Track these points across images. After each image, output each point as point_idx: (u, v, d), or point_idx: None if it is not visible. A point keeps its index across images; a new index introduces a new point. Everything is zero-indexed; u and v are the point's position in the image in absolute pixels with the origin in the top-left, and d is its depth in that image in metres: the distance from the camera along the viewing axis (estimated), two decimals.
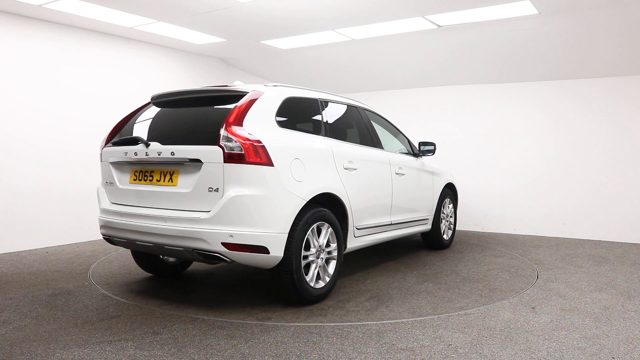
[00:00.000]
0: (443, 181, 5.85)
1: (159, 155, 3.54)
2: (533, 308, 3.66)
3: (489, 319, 3.40)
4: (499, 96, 7.32)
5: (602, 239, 6.51)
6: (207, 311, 3.55)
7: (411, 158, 5.31)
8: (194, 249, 3.36)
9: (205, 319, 3.38)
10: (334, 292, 4.06)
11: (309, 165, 3.68)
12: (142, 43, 6.88)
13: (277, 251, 3.38)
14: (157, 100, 3.99)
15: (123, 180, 3.84)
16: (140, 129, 3.88)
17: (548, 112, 6.94)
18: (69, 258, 5.31)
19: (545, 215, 6.91)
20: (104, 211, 3.89)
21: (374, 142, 4.74)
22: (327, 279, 3.82)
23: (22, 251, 5.63)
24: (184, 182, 3.45)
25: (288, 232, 3.44)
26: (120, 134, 3.99)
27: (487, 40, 6.08)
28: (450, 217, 6.11)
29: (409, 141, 5.47)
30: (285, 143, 3.56)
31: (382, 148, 4.82)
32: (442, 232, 5.84)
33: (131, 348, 2.88)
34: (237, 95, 3.61)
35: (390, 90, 8.29)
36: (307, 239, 3.63)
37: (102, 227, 3.92)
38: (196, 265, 4.98)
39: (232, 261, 3.37)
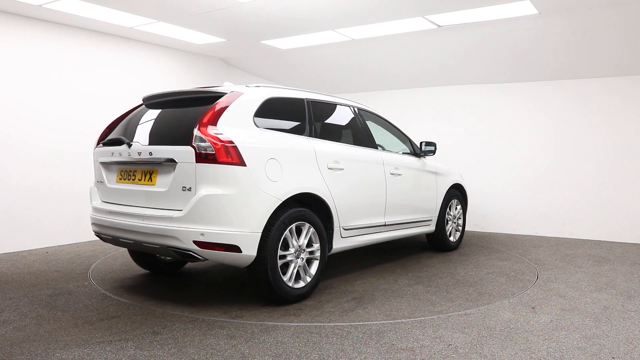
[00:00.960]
0: (449, 182, 5.73)
1: (139, 155, 3.67)
2: (533, 308, 3.66)
3: (489, 319, 3.40)
4: (499, 96, 7.32)
5: (602, 239, 6.51)
6: (184, 308, 3.55)
7: (411, 158, 5.25)
8: (169, 247, 3.45)
9: (205, 319, 3.38)
10: (318, 292, 4.05)
11: (287, 165, 3.69)
12: (142, 43, 6.88)
13: (249, 250, 3.42)
14: (147, 102, 4.10)
15: (111, 180, 3.98)
16: (128, 130, 3.99)
17: (548, 113, 6.94)
18: (69, 258, 5.31)
19: (545, 215, 6.91)
20: (95, 209, 4.05)
21: (367, 142, 4.68)
22: (309, 279, 3.83)
23: (22, 251, 5.63)
24: (162, 182, 3.55)
25: (261, 231, 3.47)
26: (111, 135, 4.11)
27: (487, 40, 6.08)
28: (459, 218, 5.98)
29: (410, 141, 5.39)
30: (260, 143, 3.58)
31: (377, 148, 4.77)
32: (447, 233, 5.73)
33: (131, 348, 2.88)
34: (216, 97, 3.67)
35: (390, 90, 8.29)
36: (286, 238, 3.65)
37: (92, 224, 4.07)
38: (196, 264, 4.98)
39: (206, 259, 3.45)
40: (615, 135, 6.47)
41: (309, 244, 3.86)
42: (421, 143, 5.41)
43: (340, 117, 4.68)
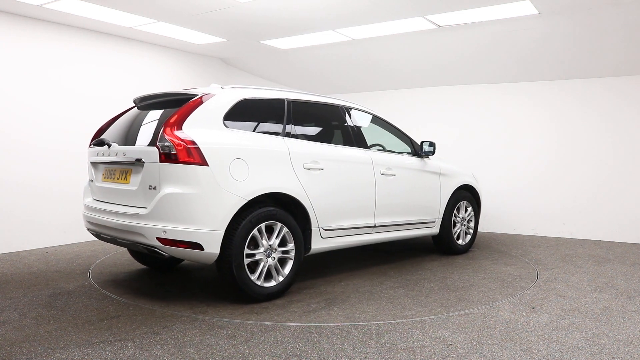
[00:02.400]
0: (455, 183, 5.53)
1: (116, 155, 3.88)
2: (533, 308, 3.66)
3: (489, 319, 3.40)
4: (500, 96, 7.32)
5: (602, 239, 6.51)
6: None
7: (410, 158, 5.16)
8: (137, 243, 3.64)
9: (205, 319, 3.38)
10: (294, 291, 4.06)
11: (254, 165, 3.73)
12: (142, 43, 6.88)
13: (212, 248, 3.50)
14: (136, 103, 4.31)
15: (98, 178, 4.19)
16: (113, 131, 4.19)
17: (548, 113, 6.94)
18: (69, 258, 5.31)
19: (545, 215, 6.91)
20: (85, 206, 4.26)
21: (356, 142, 4.63)
22: (281, 279, 3.86)
23: (22, 251, 5.63)
24: (134, 181, 3.72)
25: (224, 230, 3.53)
26: (102, 136, 4.30)
27: (487, 40, 6.08)
28: (470, 221, 5.78)
29: (411, 141, 5.27)
30: (225, 144, 3.64)
31: (368, 148, 4.71)
32: (454, 236, 5.54)
33: (131, 348, 2.88)
34: (189, 99, 3.79)
35: (390, 90, 8.29)
36: (255, 237, 3.70)
37: (85, 221, 4.27)
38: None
39: (170, 255, 3.58)
40: (615, 135, 6.47)
41: (283, 244, 3.89)
42: (422, 143, 5.29)
43: (326, 117, 4.66)
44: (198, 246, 3.47)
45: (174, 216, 3.46)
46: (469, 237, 5.79)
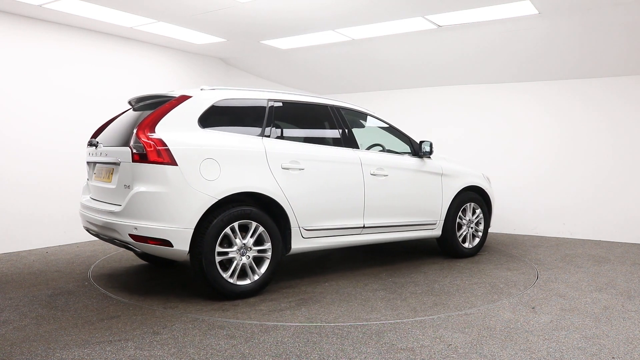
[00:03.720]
0: (460, 184, 5.35)
1: (100, 155, 4.12)
2: (533, 308, 3.66)
3: (489, 319, 3.41)
4: (500, 96, 7.31)
5: (602, 239, 6.51)
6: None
7: (406, 158, 5.05)
8: (114, 239, 3.84)
9: (206, 319, 3.38)
10: (271, 290, 4.09)
11: (227, 165, 3.79)
12: (142, 43, 6.88)
13: (181, 245, 3.61)
14: (132, 105, 4.45)
15: (91, 177, 4.39)
16: (105, 131, 4.37)
17: (548, 113, 6.94)
18: (69, 258, 5.31)
19: (545, 215, 6.91)
20: (80, 204, 4.44)
21: (344, 142, 4.59)
22: (256, 277, 3.91)
23: (22, 251, 5.63)
24: (114, 180, 3.90)
25: (194, 228, 3.63)
26: (97, 136, 4.49)
27: (487, 40, 6.08)
28: (479, 223, 5.56)
29: (410, 141, 5.17)
30: (196, 144, 3.73)
31: (357, 148, 4.65)
32: (459, 239, 5.35)
33: (131, 348, 2.88)
34: (167, 100, 3.95)
35: (390, 90, 8.29)
36: (228, 236, 3.77)
37: (80, 218, 4.43)
38: None
39: (142, 251, 3.82)
40: (615, 135, 6.47)
41: (260, 243, 3.93)
42: (420, 143, 5.17)
43: (312, 117, 4.66)
44: (167, 243, 3.59)
45: (144, 214, 3.60)
46: (477, 240, 5.56)
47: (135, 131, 3.69)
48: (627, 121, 6.40)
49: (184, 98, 3.89)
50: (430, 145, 5.14)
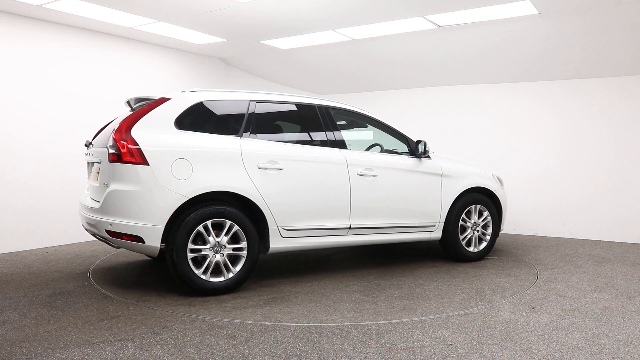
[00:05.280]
0: (463, 185, 5.13)
1: (90, 156, 4.36)
2: (533, 308, 3.66)
3: (489, 319, 3.41)
4: (500, 96, 7.31)
5: (602, 239, 6.51)
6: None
7: (401, 158, 4.93)
8: (96, 234, 4.07)
9: (206, 319, 3.38)
10: (248, 287, 4.15)
11: (199, 164, 3.90)
12: (142, 43, 6.88)
13: (152, 242, 3.77)
14: (130, 106, 4.54)
15: (88, 176, 4.55)
16: (101, 132, 4.50)
17: (549, 113, 6.94)
18: (69, 258, 5.31)
19: (545, 215, 6.91)
20: (79, 203, 4.54)
21: (330, 142, 4.55)
22: (231, 275, 3.98)
23: (22, 251, 5.63)
24: (99, 178, 4.08)
25: (164, 225, 3.77)
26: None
27: (487, 40, 6.07)
28: (487, 226, 5.31)
29: (407, 141, 5.03)
30: (168, 145, 3.86)
31: (345, 148, 4.61)
32: (462, 242, 5.14)
33: (131, 348, 2.88)
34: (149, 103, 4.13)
35: (390, 90, 8.29)
36: (201, 234, 3.88)
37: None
38: None
39: (119, 247, 4.01)
40: (615, 135, 6.47)
41: (236, 241, 4.00)
42: (417, 142, 5.00)
43: (296, 117, 4.67)
44: (139, 239, 3.76)
45: (119, 211, 3.80)
46: (484, 244, 5.31)
47: (113, 132, 3.86)
48: (626, 121, 6.40)
49: (163, 100, 4.04)
50: (424, 145, 4.97)
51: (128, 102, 4.51)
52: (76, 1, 5.15)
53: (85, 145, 4.52)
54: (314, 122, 4.62)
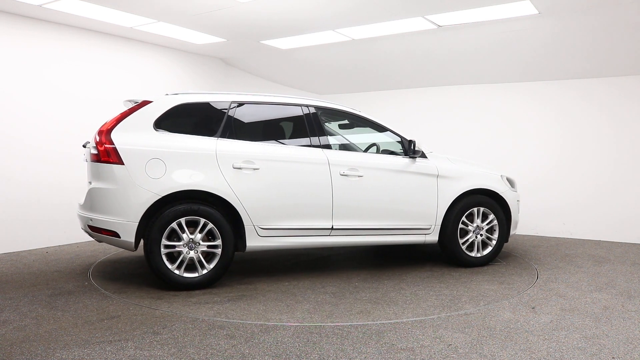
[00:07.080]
0: (463, 186, 4.88)
1: (84, 155, 4.54)
2: (533, 308, 3.66)
3: (489, 319, 3.41)
4: (500, 96, 7.31)
5: (602, 239, 6.51)
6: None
7: (390, 158, 4.77)
8: (83, 229, 4.34)
9: (206, 319, 3.38)
10: (223, 284, 4.24)
11: (173, 164, 4.06)
12: (142, 43, 6.88)
13: (127, 237, 3.99)
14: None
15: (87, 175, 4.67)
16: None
17: (549, 113, 6.94)
18: (69, 258, 5.31)
19: (545, 215, 6.91)
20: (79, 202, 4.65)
21: (313, 142, 4.52)
22: (205, 271, 4.11)
23: (22, 251, 5.63)
24: (87, 177, 4.33)
25: (138, 221, 3.97)
26: None
27: (487, 40, 6.07)
28: (494, 230, 5.02)
29: (401, 140, 4.86)
30: (144, 145, 4.05)
31: (330, 148, 4.57)
32: (462, 246, 4.89)
33: (131, 348, 2.88)
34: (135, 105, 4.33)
35: (390, 90, 8.29)
36: (175, 231, 4.04)
37: None
38: None
39: (101, 241, 4.25)
40: (615, 135, 6.46)
41: (213, 238, 4.13)
42: (410, 142, 4.80)
43: (278, 117, 4.69)
44: (115, 234, 4.00)
45: (98, 207, 4.07)
46: (489, 249, 5.02)
47: (95, 133, 4.12)
48: (627, 121, 6.40)
49: (145, 103, 4.23)
50: (414, 144, 4.78)
51: (127, 103, 4.55)
52: (76, 1, 5.15)
53: (83, 146, 4.67)
54: (297, 122, 4.64)
